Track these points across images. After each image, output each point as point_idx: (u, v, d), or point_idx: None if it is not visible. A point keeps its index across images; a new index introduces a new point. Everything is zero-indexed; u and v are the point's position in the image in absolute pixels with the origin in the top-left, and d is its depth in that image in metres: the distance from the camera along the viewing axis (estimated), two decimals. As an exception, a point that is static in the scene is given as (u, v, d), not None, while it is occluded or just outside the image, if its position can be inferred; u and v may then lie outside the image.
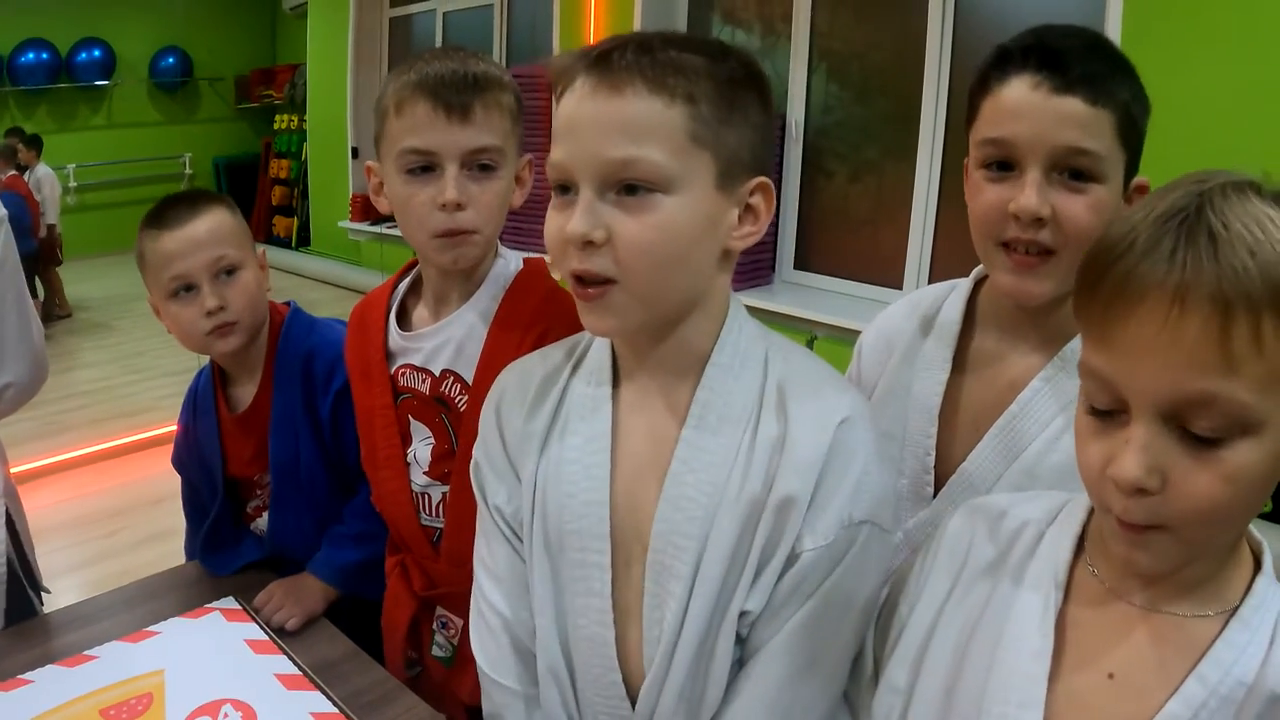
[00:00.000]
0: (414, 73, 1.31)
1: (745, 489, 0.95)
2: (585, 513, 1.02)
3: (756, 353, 1.01)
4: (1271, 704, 0.75)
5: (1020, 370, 1.17)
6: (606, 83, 0.91)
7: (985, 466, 1.17)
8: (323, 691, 1.32)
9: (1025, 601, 0.88)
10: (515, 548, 1.10)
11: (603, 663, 1.02)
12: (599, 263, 0.92)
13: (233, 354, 1.60)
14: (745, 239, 0.97)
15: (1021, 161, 1.07)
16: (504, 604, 1.11)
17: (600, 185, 0.91)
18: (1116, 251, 0.74)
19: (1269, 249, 0.69)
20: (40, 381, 1.66)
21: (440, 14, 7.31)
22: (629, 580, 1.01)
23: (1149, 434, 0.72)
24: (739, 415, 0.98)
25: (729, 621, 0.96)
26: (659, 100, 0.90)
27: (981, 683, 0.87)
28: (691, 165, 0.91)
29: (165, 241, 1.52)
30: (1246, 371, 0.68)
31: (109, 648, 1.41)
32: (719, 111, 0.92)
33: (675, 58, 0.91)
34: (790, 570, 0.95)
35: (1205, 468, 0.71)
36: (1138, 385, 0.72)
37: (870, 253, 4.54)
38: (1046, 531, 0.92)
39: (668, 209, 0.91)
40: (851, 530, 0.94)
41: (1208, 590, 0.80)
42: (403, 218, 1.34)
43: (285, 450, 1.60)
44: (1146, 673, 0.80)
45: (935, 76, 4.19)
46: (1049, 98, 1.05)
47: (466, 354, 1.38)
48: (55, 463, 4.32)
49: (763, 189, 0.97)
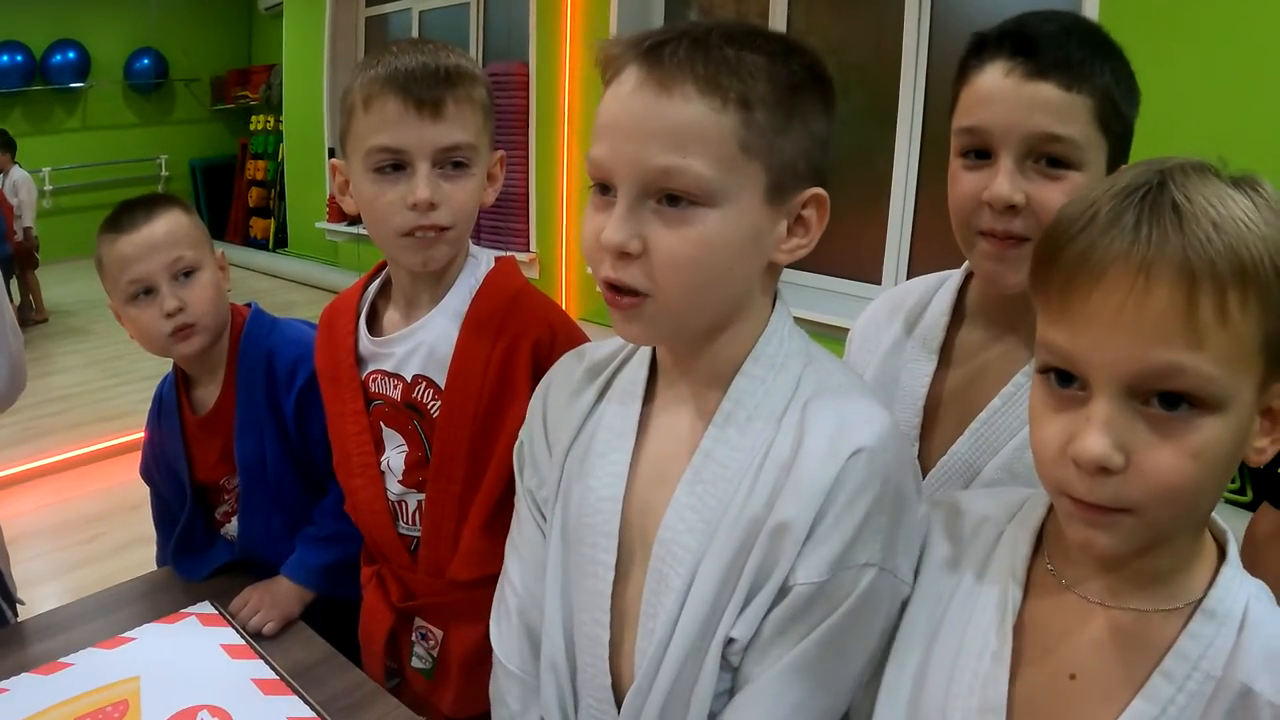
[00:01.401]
0: (382, 66, 1.26)
1: (748, 508, 0.90)
2: (600, 508, 1.00)
3: (793, 367, 0.96)
4: (1243, 696, 0.74)
5: (1006, 365, 1.17)
6: (655, 79, 0.85)
7: (966, 460, 1.17)
8: (300, 696, 1.31)
9: (985, 598, 0.87)
10: (541, 528, 1.10)
11: (596, 663, 1.00)
12: (633, 274, 0.88)
13: (195, 356, 1.59)
14: (793, 253, 0.92)
15: (995, 149, 1.07)
16: (521, 584, 1.10)
17: (640, 191, 0.86)
18: (1077, 226, 0.73)
19: (1232, 224, 0.69)
20: (19, 390, 1.64)
21: (416, 13, 7.29)
22: (632, 583, 0.98)
23: (1112, 410, 0.71)
24: (760, 429, 0.93)
25: (715, 645, 0.92)
26: (710, 104, 0.84)
27: (945, 683, 0.86)
28: (740, 177, 0.86)
29: (122, 245, 1.51)
30: (1212, 344, 0.68)
31: (84, 654, 1.40)
32: (775, 119, 0.86)
33: (733, 56, 0.85)
34: (781, 603, 0.89)
35: (1169, 444, 0.70)
36: (1101, 359, 0.72)
37: (849, 249, 4.55)
38: (1006, 528, 0.91)
39: (709, 223, 0.86)
40: (853, 573, 0.88)
41: (1170, 584, 0.79)
42: (370, 218, 1.30)
43: (251, 451, 1.59)
44: (1109, 672, 0.79)
45: (912, 73, 4.20)
46: (1021, 83, 1.04)
47: (438, 358, 1.35)
48: (33, 469, 4.29)
49: (817, 201, 0.91)
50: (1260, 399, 0.73)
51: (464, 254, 1.40)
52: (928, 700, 0.87)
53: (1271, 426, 0.75)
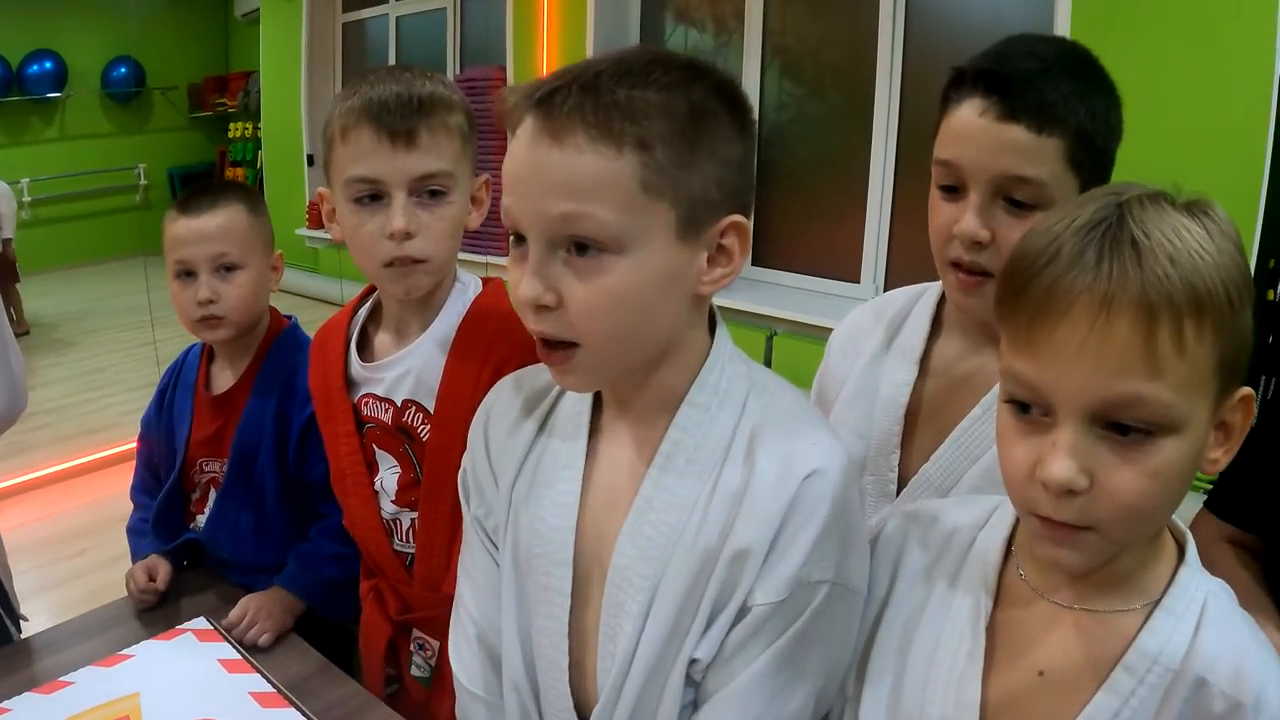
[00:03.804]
0: (358, 97, 1.27)
1: (700, 539, 0.92)
2: (551, 538, 1.00)
3: (737, 393, 0.96)
4: (1198, 687, 0.79)
5: (984, 375, 1.20)
6: (548, 130, 0.84)
7: (946, 469, 1.20)
8: (297, 708, 1.33)
9: (958, 605, 0.92)
10: (494, 557, 1.11)
11: (557, 684, 1.02)
12: (555, 326, 0.88)
13: (220, 343, 1.67)
14: (717, 283, 0.92)
15: (966, 184, 1.09)
16: (478, 611, 1.11)
17: (548, 242, 0.86)
18: (1042, 261, 0.77)
19: (1187, 256, 0.73)
20: (19, 410, 1.65)
21: (393, 18, 7.28)
22: (590, 605, 0.99)
23: (1076, 436, 0.75)
24: (706, 458, 0.94)
25: (679, 665, 0.94)
26: (604, 151, 0.83)
27: (921, 684, 0.90)
28: (646, 218, 0.85)
29: (179, 226, 1.59)
30: (1169, 373, 0.72)
31: (84, 673, 1.41)
32: (678, 154, 0.85)
33: (624, 97, 0.84)
34: (740, 622, 0.91)
35: (1129, 465, 0.75)
36: (1065, 390, 0.75)
37: (827, 248, 4.58)
38: (977, 536, 0.95)
39: (620, 271, 0.85)
40: (809, 589, 0.90)
41: (1131, 585, 0.84)
42: (353, 248, 1.32)
43: (247, 446, 1.64)
44: (1075, 668, 0.84)
45: (888, 71, 4.24)
46: (992, 125, 1.06)
47: (426, 384, 1.37)
48: (20, 483, 4.27)
49: (736, 228, 0.90)
50: (1215, 415, 0.78)
51: (450, 279, 1.42)
52: (906, 701, 0.92)
53: (1225, 438, 0.80)
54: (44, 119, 9.45)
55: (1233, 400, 0.79)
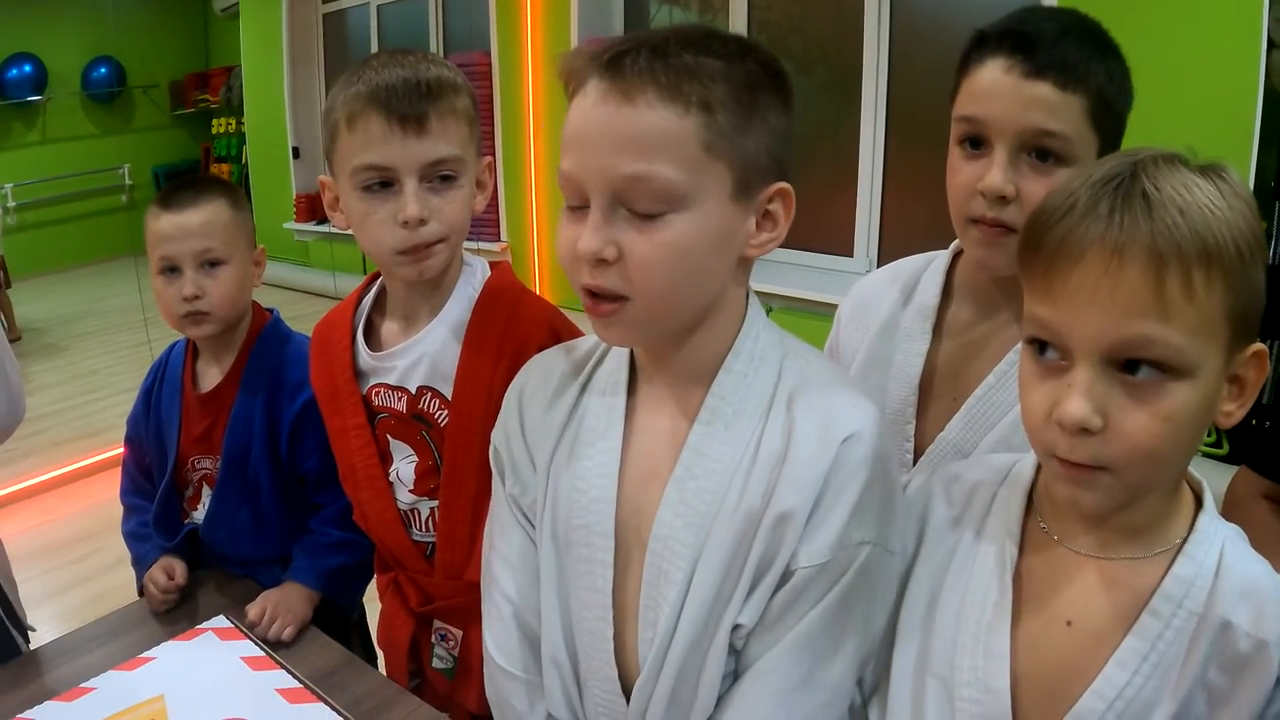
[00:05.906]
0: (363, 83, 1.25)
1: (743, 502, 0.94)
2: (592, 509, 1.01)
3: (771, 359, 0.99)
4: (1223, 629, 0.82)
5: (998, 342, 1.21)
6: (618, 89, 0.88)
7: (962, 436, 1.20)
8: (325, 702, 1.33)
9: (984, 557, 0.95)
10: (529, 534, 1.11)
11: (601, 657, 1.03)
12: (611, 279, 0.90)
13: (205, 339, 1.65)
14: (763, 247, 0.96)
15: (991, 140, 1.11)
16: (514, 590, 1.12)
17: (612, 200, 0.89)
18: (1059, 214, 0.81)
19: (1196, 210, 0.77)
20: (17, 421, 1.64)
21: (374, 7, 7.22)
22: (630, 578, 1.01)
23: (1091, 377, 0.79)
24: (746, 424, 0.96)
25: (722, 632, 0.95)
26: (673, 109, 0.87)
27: (951, 636, 0.93)
28: (706, 178, 0.89)
29: (162, 222, 1.57)
30: (1179, 317, 0.76)
31: (106, 678, 1.41)
32: (736, 119, 0.89)
33: (691, 62, 0.88)
34: (785, 586, 0.94)
35: (1142, 408, 0.78)
36: (1080, 332, 0.79)
37: (820, 222, 4.57)
38: (999, 490, 0.98)
39: (680, 226, 0.89)
40: (850, 550, 0.92)
41: (1152, 533, 0.87)
42: (362, 236, 1.30)
43: (238, 443, 1.63)
44: (1102, 617, 0.87)
45: (875, 44, 4.22)
46: (1020, 82, 1.08)
47: (442, 369, 1.36)
48: (18, 490, 4.25)
49: (782, 195, 0.94)
50: (1228, 367, 0.81)
51: (458, 262, 1.40)
52: (936, 653, 0.94)
53: (1239, 392, 0.83)
54: (25, 123, 9.38)
55: (1245, 355, 0.82)
